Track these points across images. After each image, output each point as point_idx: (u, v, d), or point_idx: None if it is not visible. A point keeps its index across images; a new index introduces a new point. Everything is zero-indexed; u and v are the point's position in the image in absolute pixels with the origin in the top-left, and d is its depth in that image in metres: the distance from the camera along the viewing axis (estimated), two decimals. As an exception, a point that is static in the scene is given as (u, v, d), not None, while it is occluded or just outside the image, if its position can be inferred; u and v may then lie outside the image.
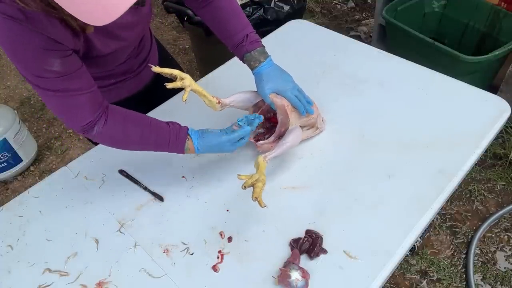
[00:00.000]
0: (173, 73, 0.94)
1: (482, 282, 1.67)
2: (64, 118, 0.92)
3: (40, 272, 0.95)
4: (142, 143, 0.97)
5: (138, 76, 1.19)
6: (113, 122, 0.93)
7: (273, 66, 1.06)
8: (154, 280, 0.91)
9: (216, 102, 1.02)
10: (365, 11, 3.09)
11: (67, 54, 0.83)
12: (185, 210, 1.02)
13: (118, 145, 0.98)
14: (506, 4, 2.01)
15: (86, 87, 0.88)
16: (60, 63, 0.82)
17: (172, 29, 3.19)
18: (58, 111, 0.91)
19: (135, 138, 0.95)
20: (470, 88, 1.21)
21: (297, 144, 1.06)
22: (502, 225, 1.84)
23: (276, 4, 2.11)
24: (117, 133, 0.94)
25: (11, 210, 1.08)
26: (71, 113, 0.90)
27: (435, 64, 1.38)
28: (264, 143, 1.07)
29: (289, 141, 1.02)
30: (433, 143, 1.08)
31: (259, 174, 0.91)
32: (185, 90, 0.95)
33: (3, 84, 2.93)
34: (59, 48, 0.81)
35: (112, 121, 0.93)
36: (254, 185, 0.89)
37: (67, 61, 0.84)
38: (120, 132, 0.94)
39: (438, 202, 0.96)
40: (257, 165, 0.94)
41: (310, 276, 0.86)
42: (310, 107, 1.08)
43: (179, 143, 0.97)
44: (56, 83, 0.84)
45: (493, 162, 2.05)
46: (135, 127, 0.95)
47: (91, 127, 0.91)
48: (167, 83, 0.93)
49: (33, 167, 2.37)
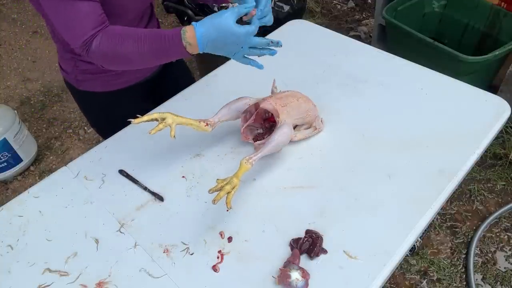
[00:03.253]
0: (153, 118, 0.94)
1: (482, 282, 1.67)
2: (65, 31, 0.91)
3: (40, 272, 0.95)
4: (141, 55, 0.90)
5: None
6: (109, 37, 0.90)
7: None
8: (154, 280, 0.91)
9: (204, 125, 1.02)
10: (365, 11, 3.09)
11: None
12: (185, 210, 1.02)
13: (116, 60, 0.93)
14: (506, 4, 2.01)
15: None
16: None
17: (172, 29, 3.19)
18: (59, 24, 0.90)
19: (133, 50, 0.89)
20: (470, 88, 1.21)
21: (285, 143, 1.05)
22: (502, 225, 1.84)
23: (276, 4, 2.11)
24: (114, 47, 0.90)
25: (11, 210, 1.08)
26: (74, 24, 0.88)
27: (435, 64, 1.38)
28: (261, 143, 1.07)
29: (274, 139, 1.01)
30: (433, 143, 1.08)
31: (232, 177, 0.91)
32: (171, 128, 0.94)
33: (3, 84, 2.93)
34: None
35: (108, 36, 0.90)
36: (222, 188, 0.88)
37: None
38: (116, 46, 0.90)
39: (438, 202, 0.96)
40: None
41: (310, 276, 0.86)
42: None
43: (175, 38, 0.88)
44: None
45: (493, 162, 2.05)
46: (132, 39, 0.89)
47: (90, 43, 0.89)
48: (150, 130, 0.92)
49: (33, 167, 2.37)
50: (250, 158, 0.96)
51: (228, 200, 0.88)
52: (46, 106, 2.74)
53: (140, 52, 0.89)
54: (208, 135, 1.18)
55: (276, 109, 1.05)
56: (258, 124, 1.13)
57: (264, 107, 1.06)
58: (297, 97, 1.10)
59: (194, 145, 1.16)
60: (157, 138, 1.19)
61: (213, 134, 1.18)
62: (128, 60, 0.92)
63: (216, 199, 0.87)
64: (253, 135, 1.13)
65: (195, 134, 1.18)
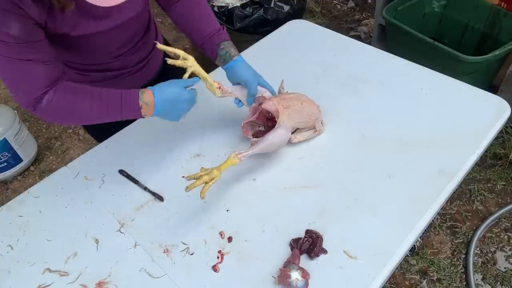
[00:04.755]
0: (177, 53, 0.95)
1: (482, 282, 1.67)
2: (15, 88, 0.89)
3: (40, 272, 0.95)
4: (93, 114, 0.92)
5: (138, 73, 1.19)
6: (61, 95, 0.90)
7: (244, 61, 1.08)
8: (154, 280, 0.91)
9: (216, 86, 1.03)
10: (365, 11, 3.09)
11: (28, 22, 0.82)
12: (185, 210, 1.02)
13: (69, 119, 0.95)
14: (506, 4, 2.01)
15: (42, 59, 0.86)
16: (19, 28, 0.81)
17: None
18: (9, 81, 0.88)
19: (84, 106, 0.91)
20: (470, 88, 1.21)
21: (281, 144, 1.05)
22: (502, 225, 1.84)
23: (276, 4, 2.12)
24: (66, 106, 0.91)
25: (11, 210, 1.08)
26: (23, 83, 0.87)
27: (435, 64, 1.38)
28: (258, 140, 1.06)
29: (268, 139, 1.01)
30: (433, 143, 1.08)
31: (213, 168, 0.92)
32: (186, 70, 0.96)
33: (3, 84, 2.93)
34: (20, 13, 0.80)
35: (60, 94, 0.89)
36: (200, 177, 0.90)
37: (27, 29, 0.82)
38: (69, 103, 0.90)
39: (438, 202, 0.96)
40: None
41: (310, 276, 0.86)
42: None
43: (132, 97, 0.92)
44: (11, 48, 0.82)
45: (493, 162, 2.05)
46: (84, 95, 0.91)
47: (39, 101, 0.88)
48: (168, 59, 0.94)
49: (33, 167, 2.37)
50: (240, 153, 0.96)
51: (204, 190, 0.90)
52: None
53: (93, 109, 0.91)
54: (208, 135, 1.18)
55: (277, 109, 1.04)
56: (261, 122, 1.12)
57: (265, 107, 1.06)
58: (302, 101, 1.10)
59: (194, 145, 1.16)
60: (157, 138, 1.19)
61: (213, 134, 1.18)
62: (79, 117, 0.94)
63: (189, 187, 0.89)
64: (253, 131, 1.13)
65: (195, 134, 1.19)
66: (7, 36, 0.81)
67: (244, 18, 2.11)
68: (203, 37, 1.08)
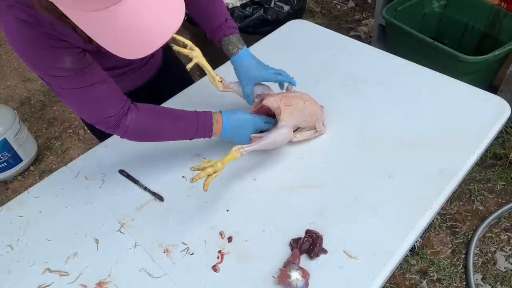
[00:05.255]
0: (185, 42, 0.99)
1: (482, 282, 1.67)
2: (89, 116, 0.93)
3: (40, 272, 0.95)
4: (172, 133, 1.00)
5: (141, 70, 1.20)
6: (143, 116, 0.95)
7: (250, 55, 1.08)
8: (154, 280, 0.91)
9: (218, 79, 1.05)
10: (365, 11, 3.09)
11: (76, 51, 0.84)
12: (185, 210, 1.02)
13: (149, 138, 1.02)
14: (506, 4, 2.01)
15: (102, 80, 0.89)
16: (71, 60, 0.83)
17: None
18: (81, 110, 0.92)
19: (167, 129, 0.99)
20: (470, 88, 1.21)
21: (282, 143, 1.05)
22: (502, 225, 1.84)
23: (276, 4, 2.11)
24: (149, 126, 0.97)
25: (11, 210, 1.08)
26: (95, 108, 0.91)
27: (435, 64, 1.38)
28: (258, 136, 1.05)
29: (271, 138, 1.02)
30: (433, 143, 1.08)
31: (217, 161, 0.94)
32: (192, 60, 1.00)
33: (3, 84, 2.93)
34: (67, 46, 0.82)
35: (142, 114, 0.95)
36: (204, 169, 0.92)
37: (78, 58, 0.85)
38: (151, 125, 0.97)
39: (438, 202, 0.96)
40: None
41: (310, 276, 0.86)
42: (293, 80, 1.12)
43: (206, 116, 1.00)
44: (71, 80, 0.85)
45: (493, 162, 2.05)
46: (165, 119, 0.98)
47: (117, 122, 0.92)
48: (174, 45, 0.96)
49: (33, 167, 2.37)
50: (242, 147, 0.97)
51: (207, 182, 0.92)
52: (46, 106, 2.74)
53: (172, 129, 0.99)
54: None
55: (278, 106, 1.04)
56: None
57: (266, 104, 1.05)
58: (304, 99, 1.10)
59: (194, 145, 1.16)
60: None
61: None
62: (158, 136, 1.01)
63: (195, 178, 0.90)
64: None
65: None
66: (63, 71, 0.83)
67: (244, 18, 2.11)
68: (209, 31, 1.09)
